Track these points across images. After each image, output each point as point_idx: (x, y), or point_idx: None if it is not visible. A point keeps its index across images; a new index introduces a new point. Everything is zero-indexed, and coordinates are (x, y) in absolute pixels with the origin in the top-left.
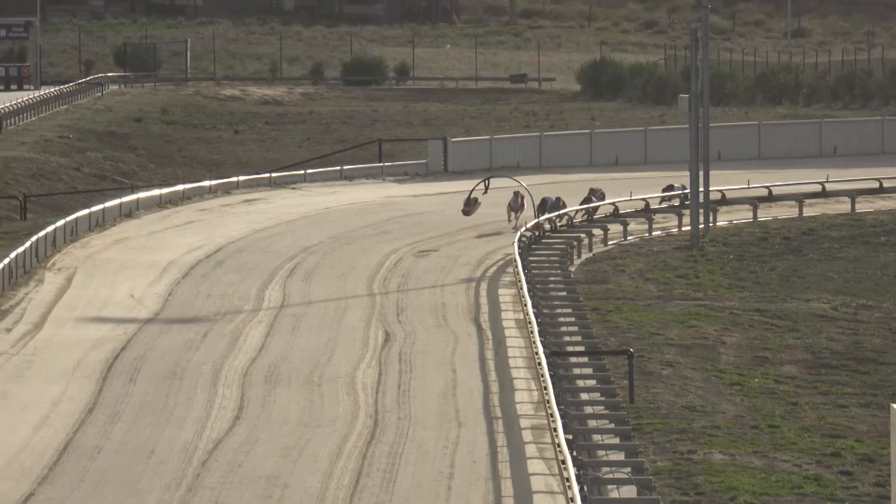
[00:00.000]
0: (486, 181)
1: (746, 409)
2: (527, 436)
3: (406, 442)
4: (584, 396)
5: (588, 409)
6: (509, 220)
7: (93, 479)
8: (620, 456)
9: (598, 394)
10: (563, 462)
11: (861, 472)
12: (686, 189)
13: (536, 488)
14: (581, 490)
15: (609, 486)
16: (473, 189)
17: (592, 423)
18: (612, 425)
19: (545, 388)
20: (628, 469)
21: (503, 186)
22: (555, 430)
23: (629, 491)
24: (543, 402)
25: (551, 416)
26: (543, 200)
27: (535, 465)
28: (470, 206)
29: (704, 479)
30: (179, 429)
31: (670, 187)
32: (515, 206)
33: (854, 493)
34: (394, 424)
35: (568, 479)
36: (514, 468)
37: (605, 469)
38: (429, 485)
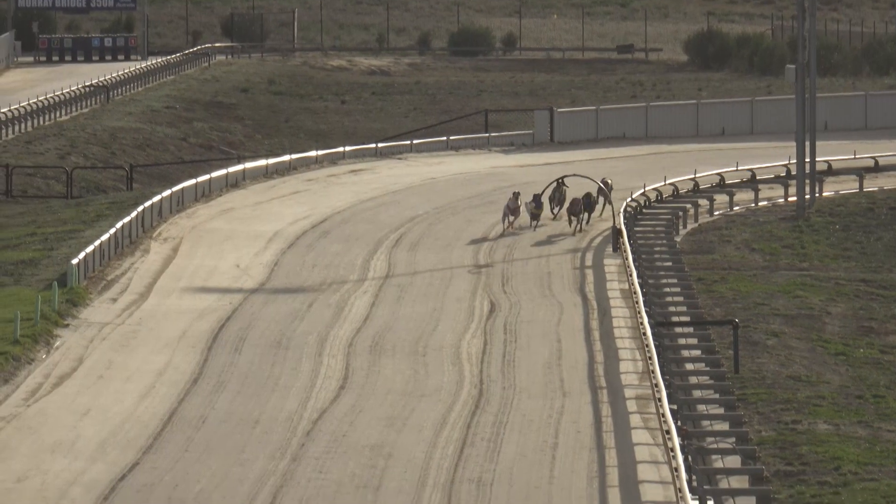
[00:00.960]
0: (561, 180)
1: (851, 379)
2: (631, 406)
3: (511, 412)
4: (689, 367)
5: (693, 380)
6: (503, 224)
7: (197, 448)
8: (725, 426)
9: (703, 364)
10: (668, 432)
11: None
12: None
13: (641, 458)
14: (685, 460)
15: (713, 456)
16: (544, 190)
17: (697, 394)
18: (717, 395)
19: (650, 359)
20: (732, 439)
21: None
22: (659, 400)
23: (733, 461)
24: (648, 373)
25: (656, 386)
26: (574, 200)
27: (639, 435)
28: (538, 207)
29: (808, 449)
30: (284, 398)
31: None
32: (513, 207)
33: None
34: (498, 394)
35: (672, 449)
36: (619, 438)
37: (710, 439)
38: (533, 454)
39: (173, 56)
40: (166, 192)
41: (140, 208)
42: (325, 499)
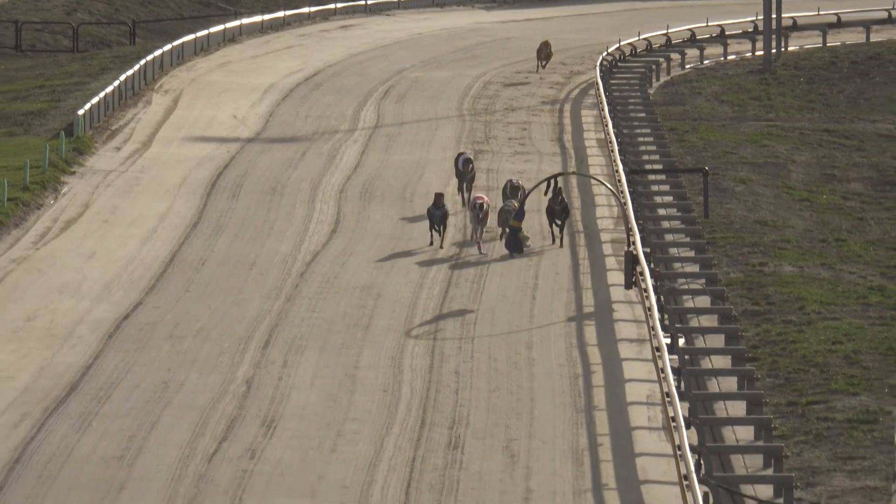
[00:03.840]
0: (554, 180)
1: (815, 224)
2: (607, 249)
3: (492, 255)
4: (662, 212)
5: (665, 224)
6: (473, 238)
7: (197, 288)
8: (695, 268)
9: (675, 209)
10: (642, 274)
11: None
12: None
13: (616, 298)
14: (658, 300)
15: (684, 297)
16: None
17: (669, 237)
18: (688, 239)
19: (624, 204)
20: (703, 280)
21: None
22: (633, 243)
23: (703, 301)
24: (623, 218)
25: (630, 230)
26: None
27: (614, 277)
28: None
29: (774, 290)
30: (279, 242)
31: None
32: (480, 214)
33: None
34: (485, 240)
35: (646, 290)
36: (595, 280)
37: (681, 280)
38: (514, 294)
39: None
40: (167, 47)
41: (142, 62)
42: (318, 336)
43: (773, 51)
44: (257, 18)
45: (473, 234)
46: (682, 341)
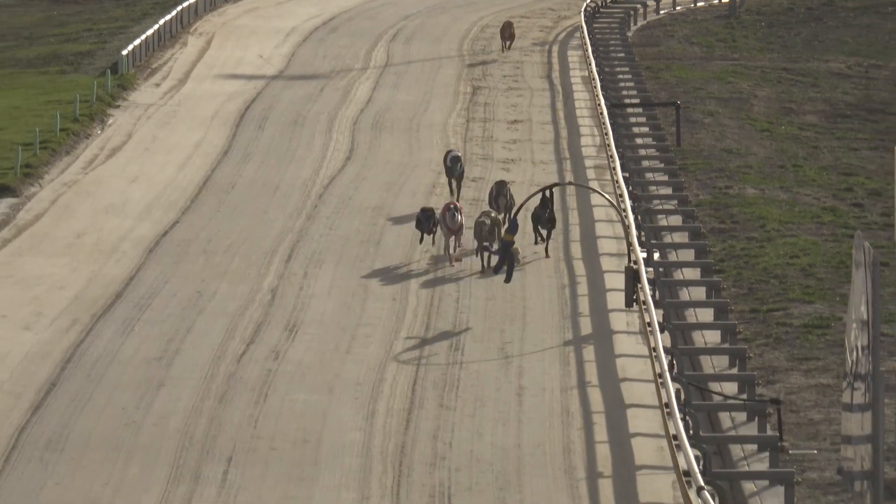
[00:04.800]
0: (550, 191)
1: (774, 152)
2: (590, 174)
3: (489, 178)
4: (639, 141)
5: (642, 152)
6: (447, 253)
7: (227, 209)
8: (668, 190)
9: (650, 139)
10: (621, 195)
11: (870, 204)
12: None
13: (598, 218)
14: (636, 218)
15: (659, 216)
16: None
17: (645, 164)
18: (662, 165)
19: (606, 134)
20: (675, 202)
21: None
22: (614, 168)
23: (675, 219)
24: (604, 146)
25: (611, 156)
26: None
27: (596, 198)
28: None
29: (738, 210)
30: (300, 168)
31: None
32: (453, 225)
33: (864, 221)
34: (481, 165)
35: (625, 210)
36: (580, 202)
37: (656, 201)
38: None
39: None
40: None
41: (179, 8)
42: (334, 251)
43: None
44: None
45: (446, 249)
46: (656, 255)
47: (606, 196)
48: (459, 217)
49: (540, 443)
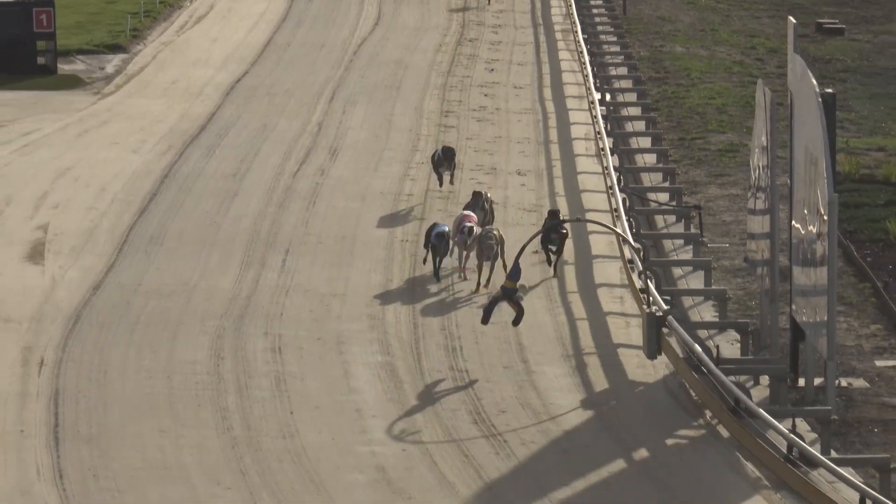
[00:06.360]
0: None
1: (697, 19)
2: (558, 36)
3: (481, 43)
4: (594, 11)
5: (597, 19)
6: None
7: (285, 62)
8: (617, 48)
9: (603, 9)
10: (581, 52)
11: (768, 59)
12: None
13: (564, 69)
14: (593, 69)
15: (609, 67)
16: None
17: (600, 28)
18: (612, 29)
19: (570, 5)
20: (622, 56)
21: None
22: (576, 32)
23: (623, 70)
24: (569, 15)
25: (573, 23)
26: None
27: (563, 55)
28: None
29: (670, 63)
30: (340, 30)
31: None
32: (469, 239)
33: (764, 72)
34: (475, 30)
35: (584, 63)
36: (550, 56)
37: (608, 56)
38: (495, 65)
39: None
40: None
41: None
42: (366, 93)
43: None
44: None
45: (461, 262)
46: (608, 97)
47: (605, 224)
48: (475, 233)
49: (520, 237)
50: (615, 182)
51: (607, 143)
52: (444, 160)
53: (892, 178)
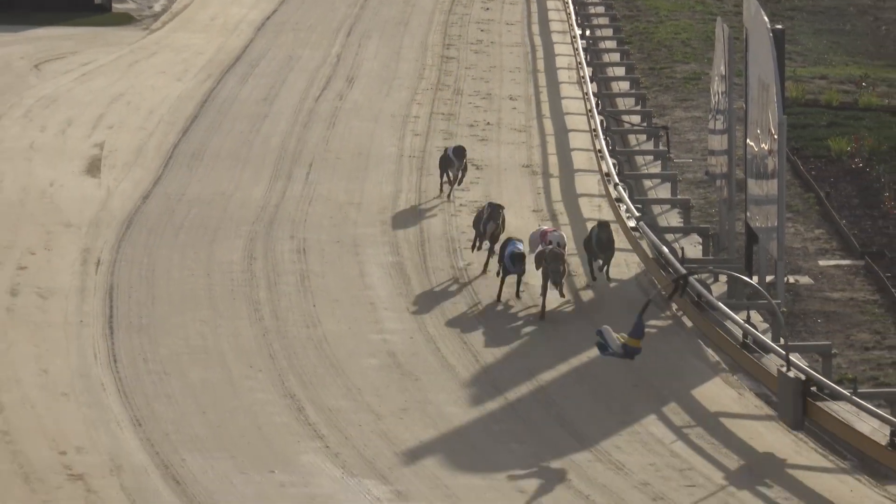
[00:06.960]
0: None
1: None
2: None
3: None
4: None
5: None
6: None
7: (308, 2)
8: None
9: None
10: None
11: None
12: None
13: (550, 8)
14: (574, 7)
15: (589, 6)
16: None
17: None
18: None
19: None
20: (602, 8)
21: None
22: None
23: (600, 9)
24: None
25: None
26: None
27: (553, 12)
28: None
29: (641, 2)
30: None
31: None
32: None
33: (723, 10)
34: None
35: (566, 3)
36: (540, 17)
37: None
38: (492, 5)
39: None
40: None
41: None
42: (378, 29)
43: None
44: None
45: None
46: (588, 32)
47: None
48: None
49: (511, 154)
50: (594, 106)
51: (587, 72)
52: (453, 160)
53: (834, 102)
